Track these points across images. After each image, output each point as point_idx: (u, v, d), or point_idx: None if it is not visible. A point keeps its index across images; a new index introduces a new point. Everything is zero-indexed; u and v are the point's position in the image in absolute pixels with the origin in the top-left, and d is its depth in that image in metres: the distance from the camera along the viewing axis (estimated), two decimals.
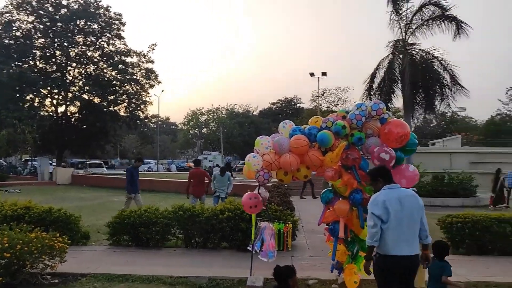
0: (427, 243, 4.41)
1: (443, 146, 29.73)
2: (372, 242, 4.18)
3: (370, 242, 4.20)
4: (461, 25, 19.79)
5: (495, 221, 8.22)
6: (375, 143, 5.75)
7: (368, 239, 4.23)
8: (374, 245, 4.20)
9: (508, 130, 47.86)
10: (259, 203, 6.30)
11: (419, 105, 22.96)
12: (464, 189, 18.06)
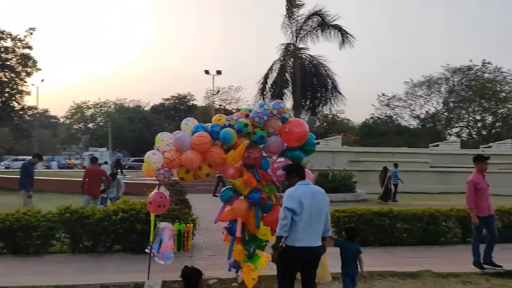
0: (327, 235, 4.77)
1: (326, 145, 31.77)
2: (281, 233, 4.40)
3: (279, 233, 4.41)
4: (345, 35, 21.43)
5: (376, 215, 9.02)
6: (276, 142, 5.89)
7: (278, 229, 4.44)
8: (283, 236, 4.41)
9: (379, 132, 53.13)
10: (167, 203, 6.06)
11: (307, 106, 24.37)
12: (346, 185, 19.62)
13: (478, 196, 7.21)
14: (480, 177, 7.35)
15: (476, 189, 7.20)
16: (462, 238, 9.43)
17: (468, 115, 53.68)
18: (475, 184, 7.23)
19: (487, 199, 7.28)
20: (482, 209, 7.20)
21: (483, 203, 7.21)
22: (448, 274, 6.93)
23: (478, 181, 7.25)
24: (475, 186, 7.22)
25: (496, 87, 50.78)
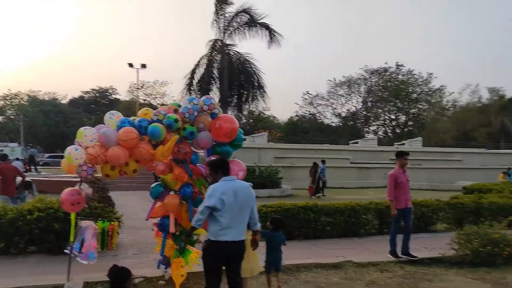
0: (256, 229, 4.82)
1: (253, 142, 32.20)
2: (195, 225, 4.56)
3: (193, 223, 4.58)
4: (273, 33, 21.81)
5: (302, 209, 9.31)
6: (206, 137, 5.84)
7: (193, 221, 4.60)
8: (196, 227, 4.59)
9: (303, 129, 54.89)
10: (82, 199, 5.72)
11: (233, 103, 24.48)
12: (272, 181, 20.03)
13: (397, 189, 7.65)
14: (401, 171, 7.80)
15: (396, 182, 7.65)
16: (379, 229, 10.04)
17: (384, 114, 57.31)
18: (395, 178, 7.68)
19: (406, 193, 7.73)
20: (400, 202, 7.65)
21: (401, 196, 7.66)
22: (367, 263, 7.35)
23: (399, 175, 7.71)
24: (395, 180, 7.66)
25: (409, 89, 54.76)
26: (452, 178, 29.53)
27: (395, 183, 7.65)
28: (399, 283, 6.39)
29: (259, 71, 22.84)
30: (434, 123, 50.80)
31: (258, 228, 4.88)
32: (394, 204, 7.65)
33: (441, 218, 10.65)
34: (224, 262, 4.54)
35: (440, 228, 10.65)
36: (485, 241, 7.31)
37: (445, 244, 7.85)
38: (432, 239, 9.48)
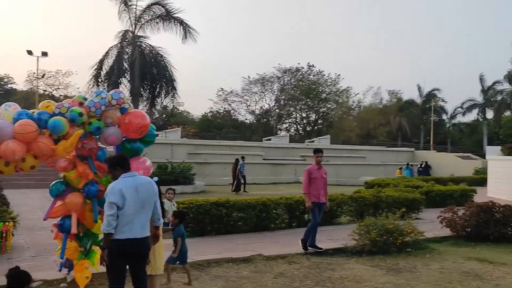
0: (159, 224, 4.76)
1: (165, 137, 31.59)
2: (109, 230, 4.20)
3: (107, 230, 4.21)
4: (188, 29, 21.50)
5: (214, 205, 9.35)
6: (114, 133, 5.62)
7: (105, 227, 4.22)
8: (112, 232, 4.22)
9: (218, 125, 54.99)
10: None
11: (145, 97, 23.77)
12: (185, 177, 19.81)
13: (311, 184, 8.02)
14: (316, 167, 8.16)
15: (310, 177, 8.01)
16: (289, 223, 10.44)
17: (296, 112, 59.41)
18: (309, 173, 8.06)
19: (319, 188, 8.07)
20: (313, 196, 8.02)
21: (314, 191, 8.03)
22: (276, 256, 7.61)
23: (313, 171, 8.09)
24: (309, 175, 8.04)
25: (319, 89, 57.41)
26: (357, 173, 31.58)
27: (309, 178, 8.00)
28: (305, 273, 6.70)
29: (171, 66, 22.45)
30: (341, 122, 53.78)
31: (161, 224, 4.83)
32: (308, 197, 8.01)
33: (344, 211, 11.36)
34: (128, 261, 4.38)
35: (344, 221, 11.35)
36: (381, 231, 7.94)
37: (347, 235, 8.39)
38: (336, 231, 10.07)
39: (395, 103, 54.31)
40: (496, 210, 9.34)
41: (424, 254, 7.99)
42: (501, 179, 18.15)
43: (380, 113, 52.46)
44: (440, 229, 9.76)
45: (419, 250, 8.17)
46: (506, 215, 9.31)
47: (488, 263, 7.43)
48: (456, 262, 7.51)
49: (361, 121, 52.50)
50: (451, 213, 9.69)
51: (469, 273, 6.82)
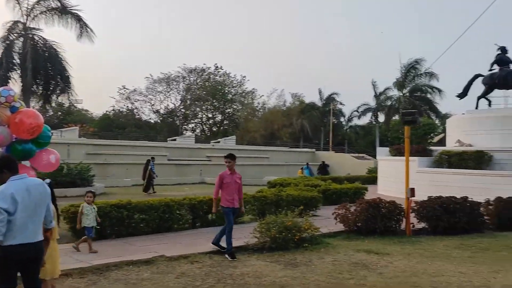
0: (50, 227, 4.53)
1: (61, 136, 29.60)
2: None
3: None
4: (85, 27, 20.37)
5: (114, 207, 9.04)
6: (3, 133, 5.20)
7: None
8: (1, 239, 3.91)
9: (120, 124, 52.86)
10: None
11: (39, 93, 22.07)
12: (82, 179, 18.78)
13: (224, 189, 8.00)
14: (228, 173, 8.13)
15: (222, 183, 8.00)
16: (192, 223, 10.46)
17: (202, 113, 59.34)
18: (221, 178, 8.03)
19: (231, 193, 8.03)
20: (226, 201, 7.99)
21: (226, 196, 8.01)
22: (179, 256, 7.61)
23: (225, 176, 8.07)
24: (221, 180, 8.02)
25: (225, 90, 57.99)
26: (261, 173, 32.46)
27: (221, 183, 8.00)
28: (207, 272, 6.81)
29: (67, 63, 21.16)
30: (246, 123, 54.87)
31: (53, 226, 4.62)
32: (217, 203, 8.01)
33: (247, 210, 11.65)
34: (20, 267, 4.12)
35: (247, 220, 11.66)
36: (281, 228, 8.33)
37: (249, 234, 8.65)
38: (239, 229, 10.25)
39: (297, 106, 56.77)
40: (383, 205, 10.28)
41: (320, 249, 8.55)
42: (389, 178, 19.96)
43: (283, 114, 54.45)
44: (334, 224, 10.48)
45: (315, 245, 8.71)
46: (391, 210, 10.30)
47: (375, 254, 8.18)
48: (347, 254, 8.16)
49: (266, 122, 54.01)
50: (344, 210, 10.46)
51: (358, 264, 7.46)
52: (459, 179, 16.29)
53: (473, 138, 18.87)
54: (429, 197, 10.92)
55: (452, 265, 7.47)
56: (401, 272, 7.02)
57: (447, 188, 14.91)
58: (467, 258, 8.11)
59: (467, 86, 21.38)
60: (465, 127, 19.82)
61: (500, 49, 20.23)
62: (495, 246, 9.18)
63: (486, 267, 7.40)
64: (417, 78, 44.77)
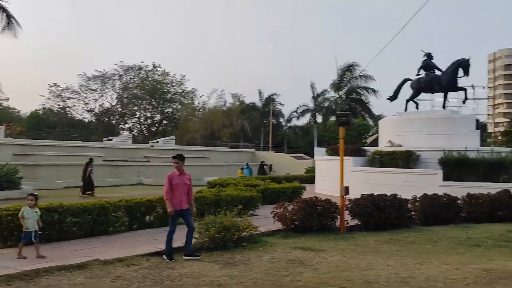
0: None
1: None
2: None
3: None
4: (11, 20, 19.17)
5: (44, 211, 8.57)
6: None
7: None
8: None
9: (50, 123, 50.23)
10: None
11: None
12: (9, 182, 17.68)
13: (173, 190, 7.79)
14: (177, 173, 7.91)
15: (171, 184, 7.79)
16: (129, 226, 10.19)
17: (140, 112, 57.83)
18: (170, 179, 7.81)
19: (180, 195, 7.85)
20: (174, 204, 7.79)
21: (175, 198, 7.82)
22: (114, 259, 7.38)
23: (174, 177, 7.85)
24: (170, 181, 7.80)
25: (164, 89, 56.91)
26: (201, 174, 32.21)
27: (170, 184, 7.79)
28: (144, 274, 6.67)
29: None
30: (186, 123, 54.21)
31: None
32: (169, 204, 7.76)
33: None
34: None
35: None
36: (220, 228, 8.35)
37: None
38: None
39: (238, 106, 57.03)
40: (319, 204, 10.62)
41: (258, 247, 8.67)
42: (326, 177, 20.61)
43: (224, 115, 54.46)
44: (273, 223, 10.67)
45: (253, 244, 8.82)
46: (326, 208, 10.67)
47: (311, 251, 8.44)
48: (284, 252, 8.34)
49: (206, 122, 53.73)
50: (282, 209, 10.68)
51: (294, 261, 7.65)
52: (390, 178, 17.19)
53: (403, 139, 19.99)
54: (362, 195, 11.42)
55: (381, 259, 7.88)
56: (335, 267, 7.29)
57: (379, 186, 15.72)
58: (395, 251, 8.59)
59: (397, 89, 22.62)
60: (395, 128, 20.95)
61: (426, 55, 21.60)
62: (420, 239, 9.80)
63: (412, 259, 7.89)
64: (352, 81, 46.67)
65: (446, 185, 15.34)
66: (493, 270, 7.21)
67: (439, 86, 20.77)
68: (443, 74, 20.76)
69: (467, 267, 7.32)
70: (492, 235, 10.19)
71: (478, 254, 8.40)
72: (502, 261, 7.86)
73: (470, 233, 10.54)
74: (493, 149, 18.04)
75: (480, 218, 12.26)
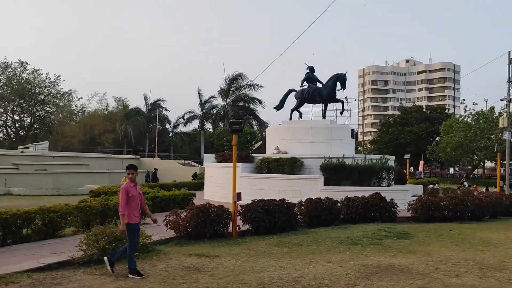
0: None
1: None
2: None
3: None
4: None
5: None
6: None
7: None
8: None
9: None
10: None
11: None
12: None
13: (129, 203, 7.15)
14: (132, 185, 7.30)
15: (128, 196, 7.14)
16: (3, 240, 9.15)
17: (6, 114, 51.93)
18: (127, 191, 7.15)
19: (137, 207, 7.29)
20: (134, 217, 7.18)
21: (134, 211, 7.21)
22: None
23: (130, 189, 7.21)
24: (127, 193, 7.14)
25: (35, 89, 51.89)
26: (80, 182, 30.19)
27: (127, 197, 7.14)
28: None
29: None
30: (62, 127, 50.18)
31: None
32: (125, 219, 7.08)
33: (69, 222, 10.76)
34: None
35: (69, 232, 10.78)
36: (111, 239, 7.92)
37: (74, 247, 8.01)
38: (60, 243, 9.45)
39: (121, 110, 54.60)
40: (212, 210, 10.69)
41: (152, 256, 8.43)
42: (215, 183, 20.80)
43: (106, 119, 51.68)
44: (165, 231, 10.46)
45: (146, 253, 8.54)
46: (219, 214, 10.78)
47: (205, 257, 8.47)
48: (179, 259, 8.24)
49: (85, 127, 50.41)
50: (175, 216, 10.53)
51: (190, 268, 7.61)
52: (277, 183, 18.02)
53: (288, 146, 21.11)
54: (253, 200, 11.80)
55: (273, 261, 8.24)
56: (230, 271, 7.43)
57: (267, 192, 16.42)
58: (285, 253, 9.04)
59: (283, 99, 23.86)
60: (281, 135, 22.03)
61: (308, 68, 23.17)
62: (307, 241, 10.47)
63: (301, 260, 8.40)
64: (241, 89, 47.88)
65: (327, 190, 16.59)
66: (369, 265, 8.03)
67: (320, 98, 22.41)
68: (324, 86, 22.47)
69: (348, 264, 8.04)
70: (367, 234, 11.30)
71: (356, 252, 9.25)
72: (376, 257, 8.78)
73: (348, 233, 11.54)
74: (366, 156, 19.99)
75: (356, 219, 13.51)
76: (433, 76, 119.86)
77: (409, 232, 11.82)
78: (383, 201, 14.04)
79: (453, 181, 49.10)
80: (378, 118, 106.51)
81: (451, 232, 12.06)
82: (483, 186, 32.32)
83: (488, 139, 46.04)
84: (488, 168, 65.36)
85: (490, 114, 48.69)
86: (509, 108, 23.75)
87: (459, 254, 9.22)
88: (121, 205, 7.12)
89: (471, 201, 15.16)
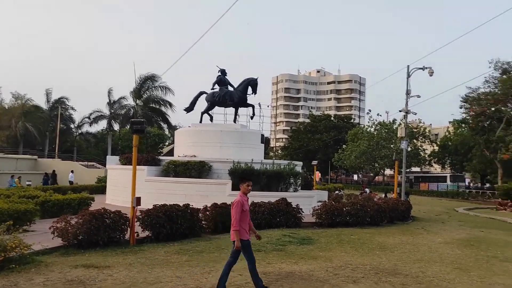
0: None
1: None
2: None
3: None
4: None
5: None
6: None
7: None
8: None
9: None
10: None
11: None
12: None
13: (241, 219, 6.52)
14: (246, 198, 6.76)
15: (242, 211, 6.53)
16: None
17: None
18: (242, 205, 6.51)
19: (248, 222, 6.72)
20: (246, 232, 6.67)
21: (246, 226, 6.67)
22: None
23: (244, 203, 6.61)
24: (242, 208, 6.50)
25: None
26: None
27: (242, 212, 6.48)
28: None
29: None
30: None
31: None
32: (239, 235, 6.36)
33: None
34: None
35: None
36: None
37: None
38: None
39: (19, 107, 49.94)
40: (107, 216, 9.84)
41: (30, 268, 7.45)
42: (118, 187, 19.56)
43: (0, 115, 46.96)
44: (52, 240, 9.40)
45: (24, 265, 7.56)
46: (115, 220, 9.96)
47: (94, 268, 7.67)
48: (62, 272, 7.36)
49: None
50: (64, 223, 9.51)
51: (74, 281, 6.81)
52: (184, 187, 17.37)
53: (197, 149, 20.55)
54: (154, 205, 11.11)
55: (170, 271, 7.70)
56: (120, 284, 6.77)
57: (174, 196, 15.70)
58: (184, 262, 8.53)
59: (193, 101, 23.26)
60: (191, 138, 21.41)
61: (220, 71, 22.86)
62: (209, 248, 10.04)
63: (200, 268, 7.96)
64: (152, 90, 46.12)
65: (235, 194, 16.19)
66: (270, 273, 7.84)
67: (231, 101, 22.21)
68: (235, 90, 22.31)
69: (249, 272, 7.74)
70: (271, 240, 11.17)
71: (258, 259, 8.98)
72: (278, 264, 8.64)
73: (252, 239, 11.31)
74: (274, 162, 20.11)
75: (262, 225, 13.37)
76: (341, 87, 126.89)
77: (312, 238, 11.93)
78: (289, 206, 14.10)
79: (357, 187, 51.99)
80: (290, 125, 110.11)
81: (352, 237, 12.41)
82: (383, 192, 34.49)
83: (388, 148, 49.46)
84: (387, 175, 70.30)
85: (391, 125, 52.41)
86: (406, 118, 25.43)
87: (357, 259, 9.41)
88: (235, 220, 6.47)
89: (370, 206, 15.84)
